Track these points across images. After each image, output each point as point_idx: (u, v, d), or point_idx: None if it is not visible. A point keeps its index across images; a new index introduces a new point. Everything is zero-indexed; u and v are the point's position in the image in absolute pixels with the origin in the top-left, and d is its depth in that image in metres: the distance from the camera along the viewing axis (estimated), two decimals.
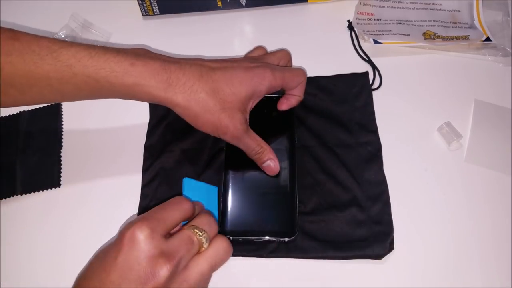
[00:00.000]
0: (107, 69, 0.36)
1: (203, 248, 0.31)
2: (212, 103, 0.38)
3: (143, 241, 0.28)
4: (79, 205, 0.44)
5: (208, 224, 0.32)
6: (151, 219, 0.30)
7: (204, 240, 0.31)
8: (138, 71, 0.36)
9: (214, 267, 0.31)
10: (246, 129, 0.40)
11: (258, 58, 0.44)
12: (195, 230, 0.31)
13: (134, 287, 0.28)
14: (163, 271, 0.28)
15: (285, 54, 0.45)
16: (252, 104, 0.41)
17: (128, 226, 0.29)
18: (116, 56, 0.36)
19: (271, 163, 0.41)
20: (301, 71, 0.44)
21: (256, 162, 0.42)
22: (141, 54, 0.38)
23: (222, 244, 0.32)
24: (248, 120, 0.41)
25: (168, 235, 0.31)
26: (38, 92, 0.37)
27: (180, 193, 0.37)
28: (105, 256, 0.30)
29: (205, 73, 0.39)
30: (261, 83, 0.40)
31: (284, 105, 0.45)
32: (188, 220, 0.33)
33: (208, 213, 0.34)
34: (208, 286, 0.39)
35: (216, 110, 0.38)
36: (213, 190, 0.41)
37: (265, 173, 0.42)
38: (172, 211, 0.32)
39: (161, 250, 0.29)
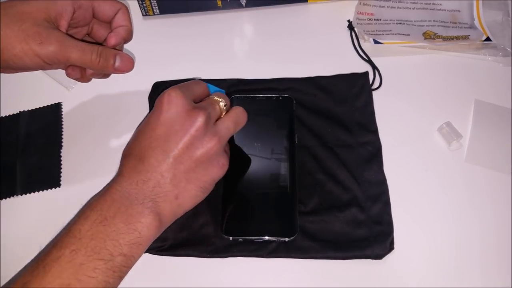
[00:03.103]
0: None
1: (224, 113, 0.38)
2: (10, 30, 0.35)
3: (179, 99, 0.34)
4: (79, 205, 0.44)
5: (223, 96, 0.38)
6: (181, 87, 0.35)
7: (223, 105, 0.37)
8: None
9: (236, 125, 0.38)
10: (71, 38, 0.37)
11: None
12: (215, 98, 0.38)
13: (179, 134, 0.33)
14: (200, 118, 0.34)
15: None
16: (64, 21, 0.38)
17: (162, 94, 0.35)
18: None
19: (121, 58, 0.40)
20: (117, 0, 0.42)
21: (104, 71, 0.40)
22: None
23: (239, 108, 0.38)
24: (66, 33, 0.38)
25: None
26: None
27: None
28: (148, 122, 0.35)
29: None
30: None
31: (112, 39, 0.41)
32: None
33: (220, 92, 0.40)
34: (208, 287, 0.39)
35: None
36: (222, 91, 0.41)
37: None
38: (195, 86, 0.38)
39: (194, 105, 0.35)
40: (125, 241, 0.32)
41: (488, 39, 0.51)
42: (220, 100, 0.37)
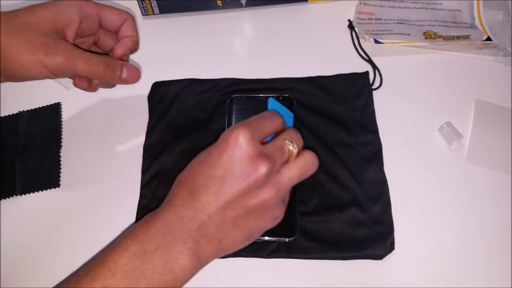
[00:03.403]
0: None
1: (293, 158, 0.34)
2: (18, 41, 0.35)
3: (245, 143, 0.32)
4: (79, 205, 0.44)
5: (296, 137, 0.35)
6: (251, 126, 0.33)
7: (293, 150, 0.34)
8: None
9: (302, 175, 0.34)
10: (78, 48, 0.38)
11: None
12: (286, 140, 0.34)
13: (237, 181, 0.31)
14: (262, 169, 0.31)
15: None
16: (71, 31, 0.38)
17: (230, 131, 0.32)
18: None
19: (128, 69, 0.40)
20: (123, 10, 0.43)
21: (111, 82, 0.40)
22: None
23: (310, 156, 0.35)
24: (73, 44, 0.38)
25: (262, 143, 0.33)
26: None
27: None
28: (208, 156, 0.33)
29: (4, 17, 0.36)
30: (68, 5, 0.38)
31: (119, 49, 0.42)
32: (276, 134, 0.36)
33: (294, 129, 0.37)
34: (207, 287, 0.39)
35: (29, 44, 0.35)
36: (291, 115, 0.41)
37: None
38: (268, 122, 0.35)
39: (259, 152, 0.32)
40: (159, 281, 0.30)
41: (488, 38, 0.51)
42: (291, 143, 0.34)
